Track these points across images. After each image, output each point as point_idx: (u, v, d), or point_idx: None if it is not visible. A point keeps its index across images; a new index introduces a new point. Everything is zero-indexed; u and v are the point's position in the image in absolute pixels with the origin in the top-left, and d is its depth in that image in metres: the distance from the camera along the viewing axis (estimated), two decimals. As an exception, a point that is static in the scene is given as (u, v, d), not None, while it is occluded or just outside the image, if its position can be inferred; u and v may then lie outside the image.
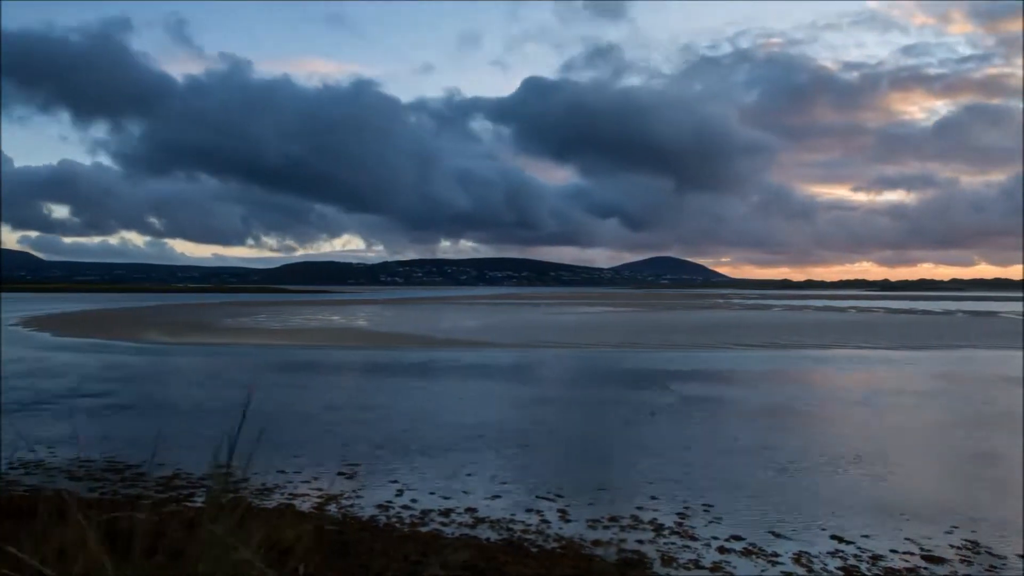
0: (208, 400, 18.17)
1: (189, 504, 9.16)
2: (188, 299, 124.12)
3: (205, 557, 2.78)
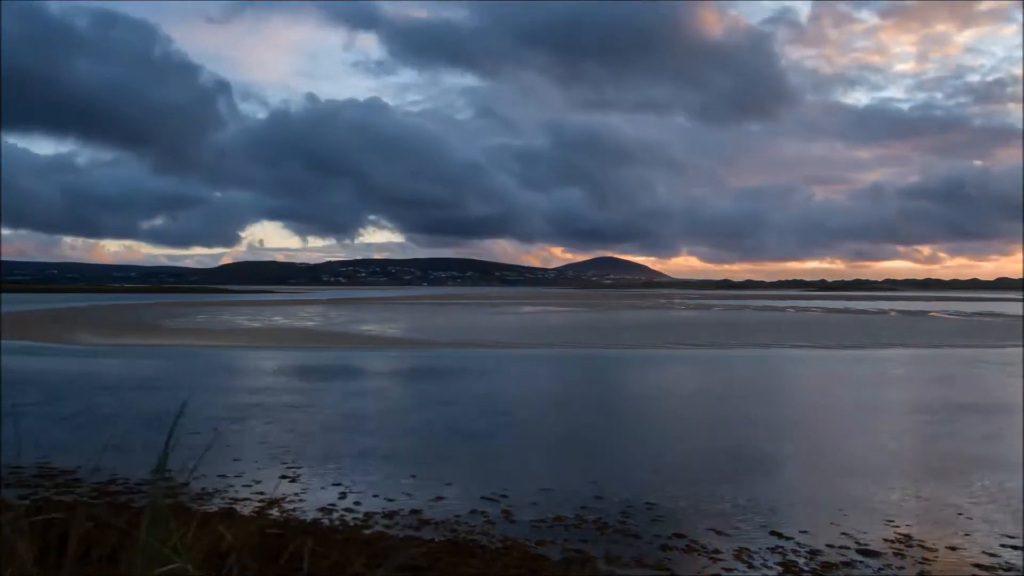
0: (147, 404, 17.76)
1: (126, 510, 8.93)
2: (125, 300, 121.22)
3: (138, 563, 2.71)
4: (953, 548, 8.37)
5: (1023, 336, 43.27)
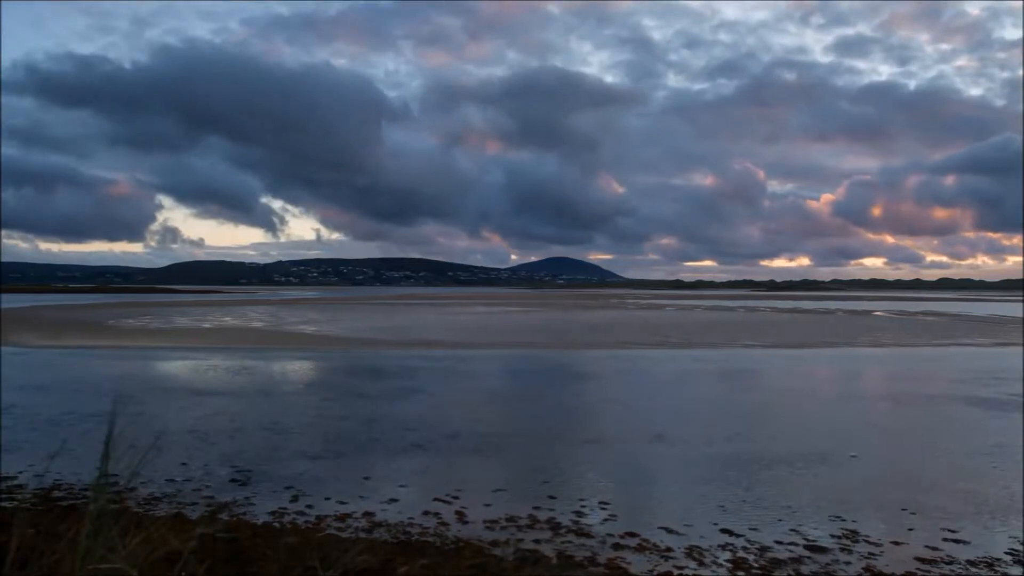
0: (91, 407, 17.38)
1: (69, 516, 8.73)
2: (69, 300, 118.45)
3: (81, 570, 2.65)
4: (897, 543, 8.56)
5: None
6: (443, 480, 11.16)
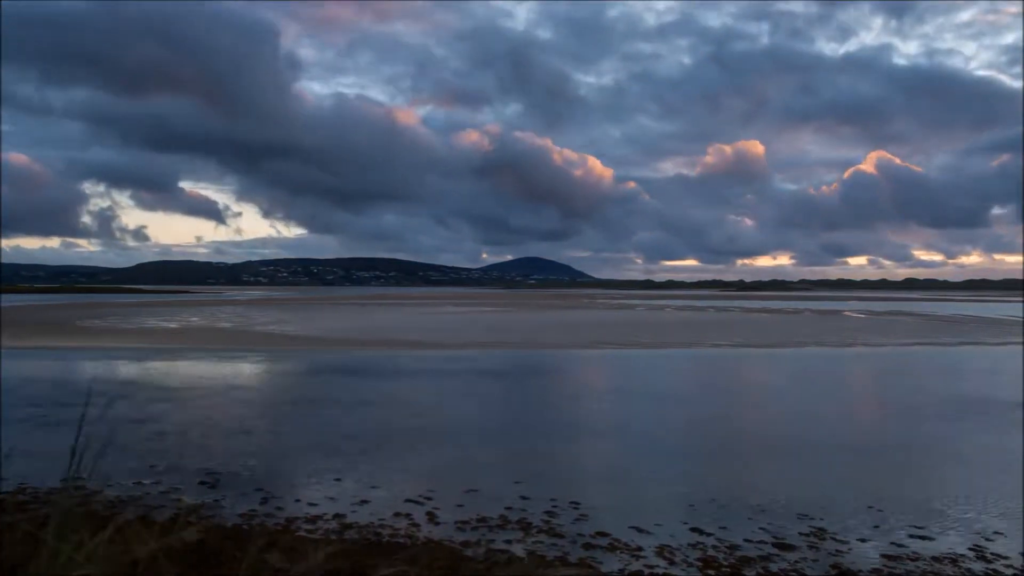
0: (59, 409, 17.13)
1: (34, 518, 8.59)
2: (34, 300, 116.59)
3: (46, 573, 2.61)
4: (864, 540, 8.67)
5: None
6: (415, 481, 11.13)
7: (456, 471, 11.90)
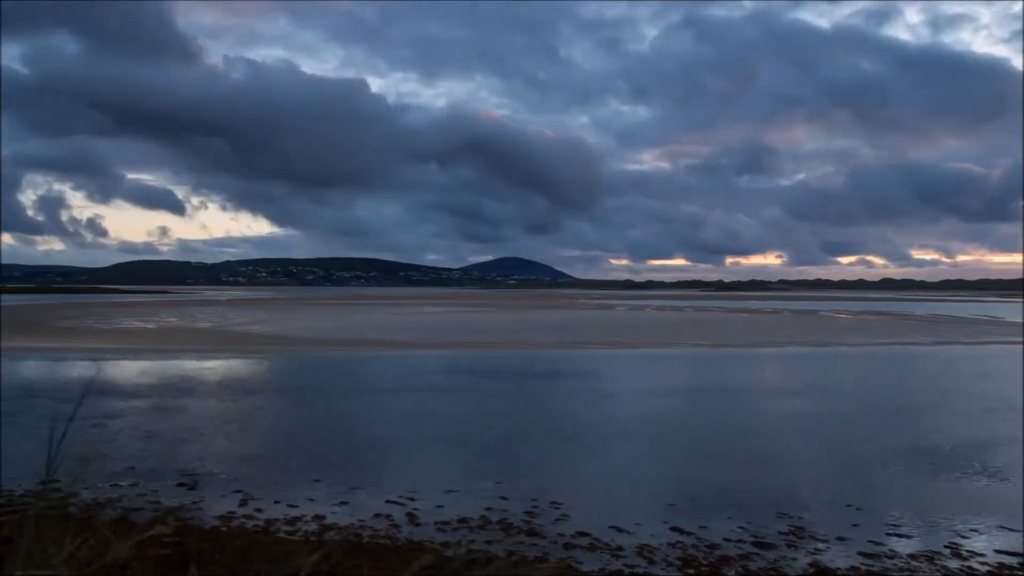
0: (36, 410, 16.94)
1: (8, 522, 8.50)
2: (12, 300, 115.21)
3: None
4: (843, 539, 8.74)
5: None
6: (395, 482, 11.10)
7: (436, 471, 11.88)
